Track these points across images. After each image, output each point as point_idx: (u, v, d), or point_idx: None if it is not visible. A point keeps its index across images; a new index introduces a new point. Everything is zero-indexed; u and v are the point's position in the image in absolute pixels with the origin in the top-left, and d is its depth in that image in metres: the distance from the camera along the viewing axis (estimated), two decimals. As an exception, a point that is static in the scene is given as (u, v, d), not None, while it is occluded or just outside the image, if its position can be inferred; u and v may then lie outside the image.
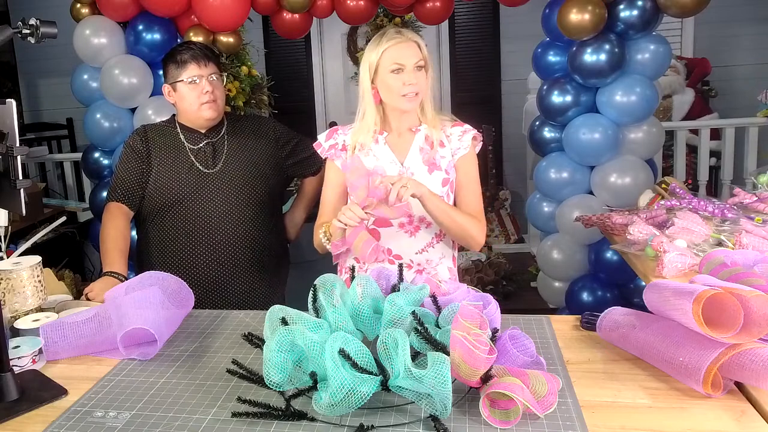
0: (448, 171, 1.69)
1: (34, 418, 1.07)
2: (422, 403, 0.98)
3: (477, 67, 5.31)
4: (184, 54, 1.91)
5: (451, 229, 1.64)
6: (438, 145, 1.68)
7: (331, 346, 0.98)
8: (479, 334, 1.01)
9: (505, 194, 4.97)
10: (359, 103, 1.69)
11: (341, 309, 1.15)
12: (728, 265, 1.38)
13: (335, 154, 1.73)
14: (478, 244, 1.67)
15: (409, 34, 1.62)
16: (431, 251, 1.70)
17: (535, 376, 1.00)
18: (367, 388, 0.97)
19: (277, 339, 1.04)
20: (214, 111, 1.94)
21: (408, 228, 1.68)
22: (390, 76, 1.60)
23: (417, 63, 1.60)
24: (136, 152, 1.96)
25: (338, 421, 1.00)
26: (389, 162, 1.69)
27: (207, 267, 1.95)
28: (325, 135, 1.76)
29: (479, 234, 1.66)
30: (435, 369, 0.94)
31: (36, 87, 5.54)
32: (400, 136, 1.71)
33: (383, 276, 1.31)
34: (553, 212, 2.93)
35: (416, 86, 1.60)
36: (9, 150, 1.15)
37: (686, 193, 2.08)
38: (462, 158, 1.69)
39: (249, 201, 1.97)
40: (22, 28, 1.23)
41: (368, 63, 1.63)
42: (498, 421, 0.97)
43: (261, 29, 5.21)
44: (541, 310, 3.22)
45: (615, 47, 2.57)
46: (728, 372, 1.01)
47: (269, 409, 1.01)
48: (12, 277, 1.40)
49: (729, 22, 4.74)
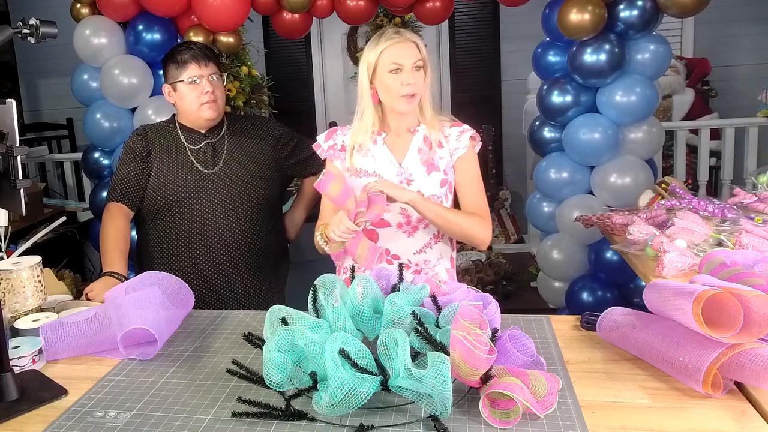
0: (446, 172, 1.68)
1: (34, 418, 1.07)
2: (422, 403, 0.98)
3: (477, 67, 5.31)
4: (184, 54, 1.91)
5: (449, 231, 1.64)
6: (437, 145, 1.68)
7: (331, 346, 0.98)
8: (479, 334, 1.01)
9: (505, 194, 4.97)
10: (358, 103, 1.69)
11: (341, 309, 1.15)
12: (728, 265, 1.38)
13: (334, 154, 1.73)
14: (483, 242, 1.66)
15: (408, 34, 1.62)
16: (429, 252, 1.70)
17: (535, 376, 1.00)
18: (367, 388, 0.97)
19: (277, 339, 1.04)
20: (215, 111, 1.94)
21: (406, 228, 1.68)
22: (388, 77, 1.59)
23: (415, 63, 1.60)
24: (136, 152, 1.96)
25: (338, 421, 1.00)
26: (387, 163, 1.69)
27: (207, 267, 1.95)
28: (324, 136, 1.76)
29: (482, 232, 1.64)
30: (435, 369, 0.94)
31: (36, 87, 5.54)
32: (399, 136, 1.71)
33: (383, 276, 1.31)
34: (553, 212, 2.93)
35: (414, 87, 1.59)
36: (9, 150, 1.15)
37: (686, 193, 2.08)
38: (460, 158, 1.69)
39: (249, 201, 1.97)
40: (22, 28, 1.23)
41: (367, 63, 1.63)
42: (498, 421, 0.97)
43: (261, 29, 5.21)
44: (541, 310, 3.22)
45: (615, 47, 2.57)
46: (728, 372, 1.01)
47: (269, 409, 1.01)
48: (12, 277, 1.40)
49: (729, 22, 4.74)
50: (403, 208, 1.65)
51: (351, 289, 1.22)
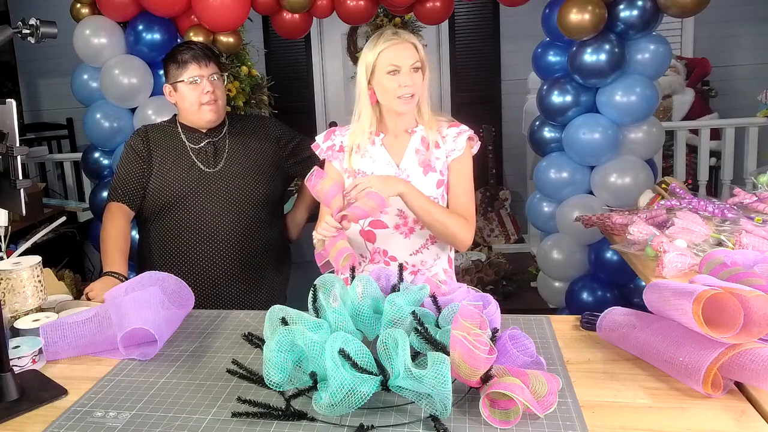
0: (442, 172, 1.68)
1: (34, 418, 1.07)
2: (422, 403, 0.98)
3: (477, 67, 5.30)
4: (184, 54, 1.91)
5: (432, 227, 1.62)
6: (433, 146, 1.68)
7: (331, 346, 0.98)
8: (479, 334, 1.01)
9: (505, 194, 4.97)
10: (356, 103, 1.69)
11: (341, 309, 1.15)
12: (728, 265, 1.38)
13: (333, 155, 1.73)
14: (463, 244, 1.65)
15: (406, 35, 1.62)
16: (426, 252, 1.70)
17: (535, 376, 1.00)
18: (367, 388, 0.97)
19: (277, 339, 1.04)
20: (215, 112, 1.94)
21: (403, 230, 1.68)
22: (386, 78, 1.59)
23: (413, 64, 1.59)
24: (137, 152, 1.96)
25: (338, 421, 1.00)
26: (385, 164, 1.69)
27: (208, 267, 1.95)
28: (322, 136, 1.76)
29: (463, 233, 1.63)
30: (435, 369, 0.94)
31: (36, 87, 5.53)
32: (397, 137, 1.71)
33: (383, 276, 1.31)
34: (553, 212, 2.93)
35: (412, 88, 1.59)
36: (9, 150, 1.15)
37: (686, 193, 2.08)
38: (455, 160, 1.68)
39: (250, 201, 1.97)
40: (22, 28, 1.23)
41: (365, 64, 1.63)
42: (498, 421, 0.97)
43: (261, 29, 5.21)
44: (541, 310, 3.22)
45: (615, 47, 2.57)
46: (728, 372, 1.01)
47: (269, 409, 1.01)
48: (12, 277, 1.40)
49: (729, 22, 4.73)
50: (399, 210, 1.66)
51: (351, 289, 1.22)
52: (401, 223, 1.68)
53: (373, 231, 1.68)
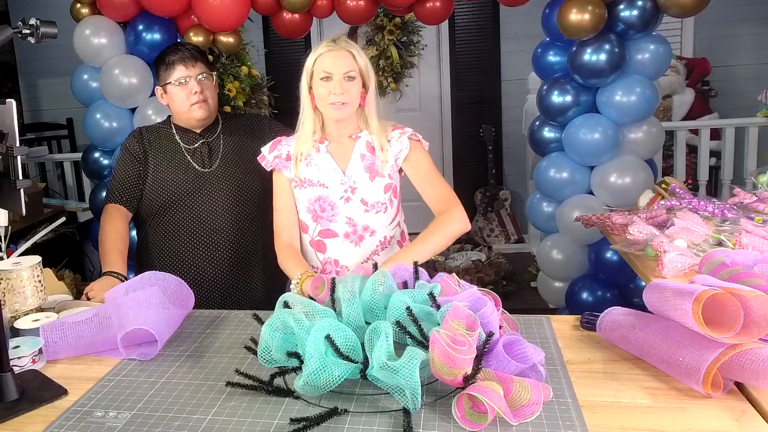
0: (391, 176, 1.68)
1: (34, 418, 1.07)
2: (396, 395, 1.00)
3: (477, 67, 5.29)
4: (171, 56, 1.92)
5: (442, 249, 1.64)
6: (379, 149, 1.67)
7: (317, 331, 1.03)
8: (464, 335, 1.00)
9: (505, 194, 4.97)
10: (300, 111, 1.70)
11: (356, 303, 1.18)
12: (728, 265, 1.38)
13: (280, 164, 1.73)
14: (466, 230, 1.63)
15: (344, 43, 1.62)
16: (376, 258, 1.70)
17: (521, 383, 0.98)
18: (339, 371, 1.02)
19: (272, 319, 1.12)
20: (205, 111, 1.94)
21: (353, 238, 1.69)
22: (319, 84, 1.60)
23: (347, 73, 1.59)
24: (133, 154, 1.97)
25: (317, 402, 1.04)
26: (331, 171, 1.68)
27: (207, 266, 1.95)
28: (268, 147, 1.76)
29: (459, 226, 1.61)
30: (405, 361, 0.97)
31: (36, 87, 5.53)
32: (341, 144, 1.70)
33: (399, 273, 1.31)
34: (553, 212, 2.93)
35: (343, 96, 1.58)
36: (9, 150, 1.15)
37: (686, 193, 2.08)
38: (407, 159, 1.68)
39: (247, 199, 1.98)
40: (22, 28, 1.23)
41: (305, 69, 1.64)
42: (470, 423, 0.95)
43: (261, 29, 5.20)
44: (541, 310, 3.23)
45: (615, 47, 2.57)
46: (728, 372, 1.01)
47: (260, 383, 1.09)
48: (12, 277, 1.40)
49: (729, 22, 4.73)
50: (348, 218, 1.67)
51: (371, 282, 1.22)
52: (350, 231, 1.68)
53: (323, 241, 1.70)
